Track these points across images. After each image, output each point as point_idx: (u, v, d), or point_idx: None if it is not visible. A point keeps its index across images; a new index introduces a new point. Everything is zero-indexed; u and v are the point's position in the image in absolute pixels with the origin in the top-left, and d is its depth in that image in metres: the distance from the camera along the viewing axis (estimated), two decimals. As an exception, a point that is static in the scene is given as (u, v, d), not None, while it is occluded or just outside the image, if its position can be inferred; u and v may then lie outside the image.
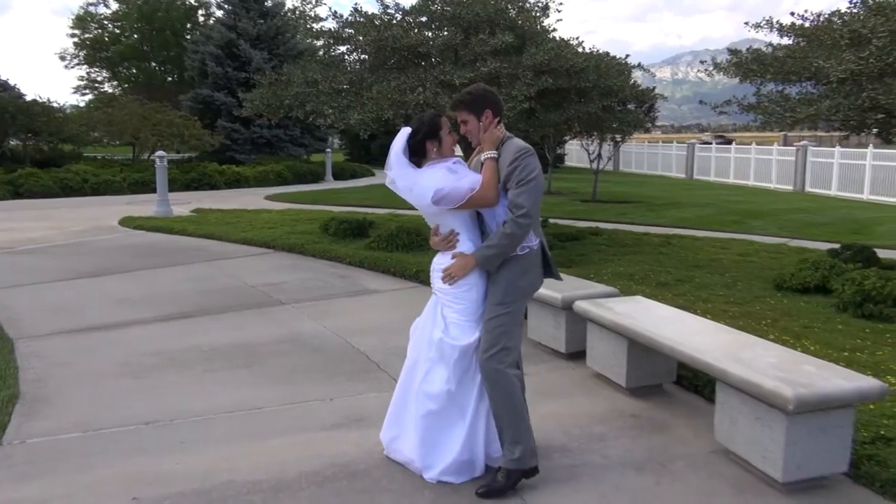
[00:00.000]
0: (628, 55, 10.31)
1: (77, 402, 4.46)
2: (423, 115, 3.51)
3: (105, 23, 41.98)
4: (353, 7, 9.95)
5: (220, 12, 31.77)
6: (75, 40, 41.45)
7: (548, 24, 10.04)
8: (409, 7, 9.67)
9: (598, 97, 9.29)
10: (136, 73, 42.78)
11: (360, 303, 7.16)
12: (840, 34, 6.64)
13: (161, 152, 14.66)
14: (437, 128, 3.38)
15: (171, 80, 41.39)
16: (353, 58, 10.28)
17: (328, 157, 25.77)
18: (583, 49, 9.76)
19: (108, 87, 42.56)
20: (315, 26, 41.20)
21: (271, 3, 30.11)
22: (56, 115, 23.34)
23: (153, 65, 42.75)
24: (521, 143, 3.31)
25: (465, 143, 3.67)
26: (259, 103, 10.26)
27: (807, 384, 3.20)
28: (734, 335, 4.13)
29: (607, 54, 10.04)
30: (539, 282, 3.44)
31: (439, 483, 3.33)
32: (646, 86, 12.34)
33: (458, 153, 3.97)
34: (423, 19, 9.59)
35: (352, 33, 9.70)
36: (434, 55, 9.27)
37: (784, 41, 7.86)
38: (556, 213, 13.75)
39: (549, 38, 9.48)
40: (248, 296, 7.37)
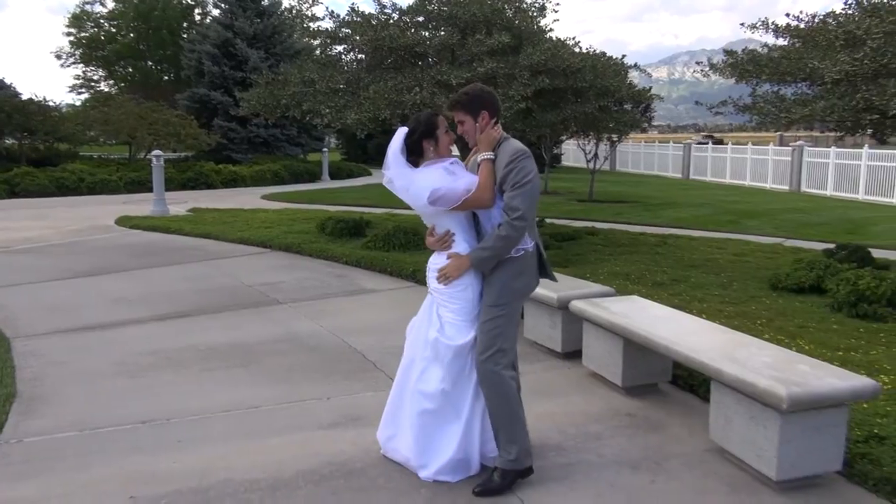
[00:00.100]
0: (625, 55, 10.35)
1: (74, 401, 4.46)
2: (419, 115, 3.51)
3: (101, 21, 41.96)
4: (350, 7, 9.95)
5: (216, 11, 31.74)
6: (71, 39, 41.43)
7: (544, 24, 10.06)
8: (406, 7, 9.68)
9: (595, 97, 9.31)
10: (132, 71, 42.75)
11: (357, 302, 7.17)
12: (835, 35, 6.68)
13: (157, 151, 14.66)
14: (434, 127, 3.38)
15: (167, 79, 41.36)
16: (350, 57, 10.28)
17: (325, 157, 25.76)
18: (579, 49, 9.79)
19: (104, 86, 42.55)
20: (312, 26, 41.14)
21: (268, 2, 30.05)
22: (52, 113, 23.28)
23: (149, 64, 42.70)
24: (518, 145, 3.30)
25: (462, 142, 3.68)
26: (256, 103, 10.25)
27: (801, 383, 3.22)
28: (729, 335, 4.15)
29: (604, 54, 10.07)
30: (534, 283, 3.45)
31: (435, 482, 3.35)
32: (642, 86, 12.37)
33: (455, 153, 3.98)
34: (420, 19, 9.60)
35: (348, 33, 9.70)
36: (431, 55, 9.28)
37: (779, 42, 7.90)
38: (553, 212, 13.78)
39: (546, 38, 9.49)
40: (245, 295, 7.38)
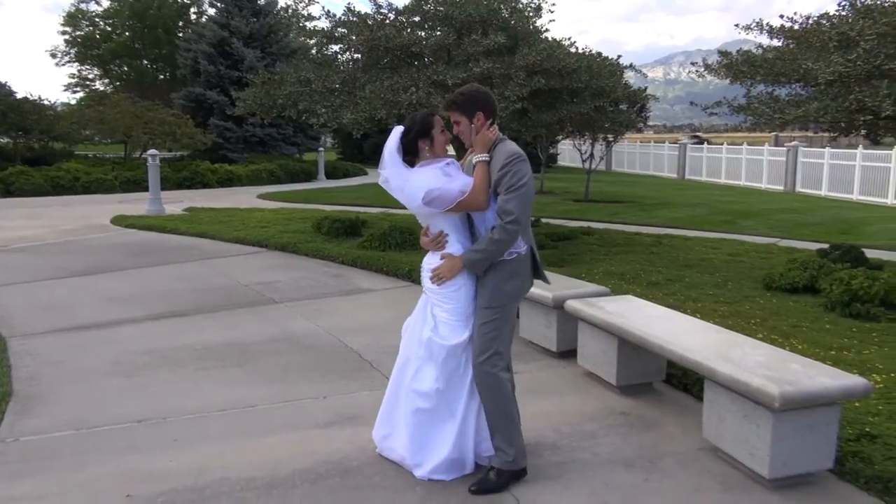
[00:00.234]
0: (620, 56, 10.39)
1: (70, 401, 4.47)
2: (415, 114, 3.52)
3: (96, 20, 41.80)
4: (346, 6, 9.96)
5: (212, 10, 31.65)
6: (66, 37, 41.27)
7: (540, 25, 10.08)
8: (402, 7, 9.69)
9: (591, 97, 9.34)
10: (127, 70, 42.63)
11: (353, 302, 7.18)
12: (828, 36, 6.71)
13: (153, 151, 14.64)
14: (430, 127, 3.39)
15: (163, 78, 41.25)
16: (346, 57, 10.30)
17: (321, 156, 25.73)
18: (575, 49, 9.82)
19: (99, 85, 42.41)
20: (308, 25, 41.13)
21: (264, 1, 30.01)
22: (47, 112, 23.21)
23: (145, 62, 42.60)
24: (513, 148, 3.29)
25: (458, 142, 3.69)
26: (252, 102, 10.25)
27: (793, 382, 3.24)
28: (723, 334, 4.18)
29: (599, 55, 10.10)
30: (527, 286, 3.46)
31: (430, 480, 3.37)
32: (638, 86, 12.42)
33: (451, 152, 3.99)
34: (416, 19, 9.61)
35: (345, 32, 9.70)
36: (427, 55, 9.29)
37: (774, 43, 7.94)
38: (549, 212, 13.81)
39: (542, 39, 9.52)
40: (241, 294, 7.38)
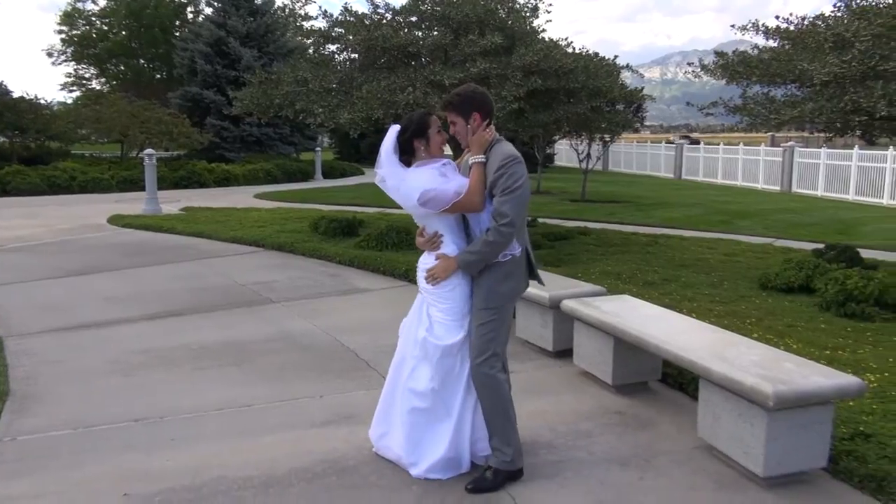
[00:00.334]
0: (617, 56, 10.41)
1: (67, 400, 4.48)
2: (412, 114, 3.54)
3: (93, 19, 41.75)
4: (343, 6, 9.97)
5: (209, 10, 31.67)
6: (63, 37, 41.23)
7: (537, 25, 10.11)
8: (399, 7, 9.70)
9: (587, 98, 9.36)
10: (124, 70, 42.59)
11: (350, 301, 7.19)
12: (824, 37, 6.74)
13: (150, 150, 14.62)
14: (426, 126, 3.39)
15: (159, 77, 41.22)
16: (343, 57, 10.30)
17: (318, 156, 25.73)
18: (572, 49, 9.84)
19: (95, 84, 42.37)
20: (305, 25, 41.13)
21: (261, 0, 30.02)
22: (43, 112, 23.20)
23: (141, 62, 42.56)
24: (509, 150, 3.29)
25: (455, 142, 3.70)
26: (249, 102, 10.26)
27: (787, 381, 3.26)
28: (718, 334, 4.20)
29: (596, 55, 10.12)
30: (522, 287, 3.47)
31: (426, 479, 3.38)
32: (634, 86, 12.43)
33: (448, 152, 4.01)
34: (413, 19, 9.62)
35: (342, 32, 9.72)
36: (424, 55, 9.30)
37: (770, 44, 7.96)
38: (546, 212, 13.83)
39: (539, 39, 9.54)
40: (238, 294, 7.39)
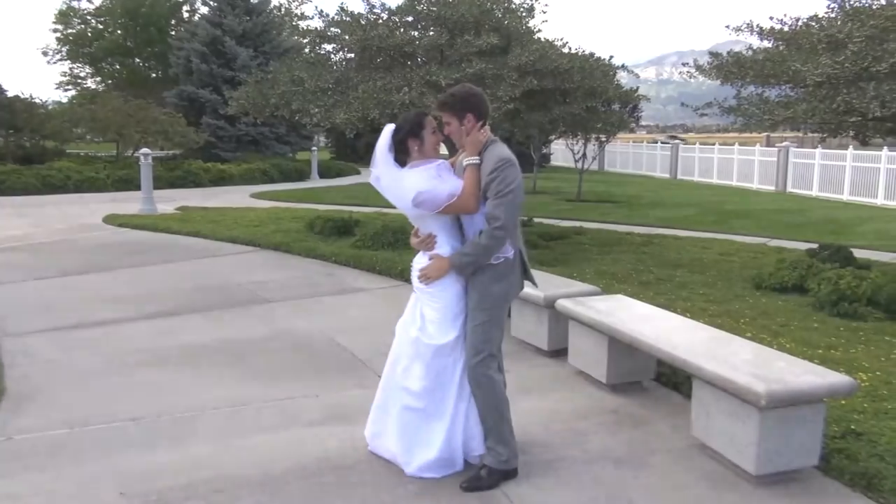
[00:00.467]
0: (612, 56, 10.44)
1: (64, 399, 4.48)
2: (408, 114, 3.55)
3: (88, 18, 41.56)
4: (339, 6, 9.97)
5: (205, 9, 31.51)
6: (58, 35, 41.03)
7: (533, 25, 10.13)
8: (395, 7, 9.71)
9: (583, 98, 9.39)
10: (119, 69, 42.39)
11: (346, 301, 7.21)
12: (817, 38, 6.77)
13: (145, 149, 14.61)
14: (421, 126, 3.40)
15: (155, 76, 41.04)
16: (339, 57, 10.30)
17: (314, 156, 25.71)
18: (568, 50, 9.86)
19: (91, 84, 42.14)
20: (301, 24, 41.07)
21: (257, 0, 29.96)
22: (38, 111, 23.10)
23: (137, 61, 42.35)
24: (503, 152, 3.29)
25: (450, 142, 3.73)
26: (245, 102, 10.24)
27: (779, 380, 3.30)
28: (712, 333, 4.24)
29: (592, 55, 10.14)
30: (515, 289, 3.49)
31: (421, 478, 3.40)
32: (630, 86, 12.46)
33: (444, 152, 4.02)
34: (409, 19, 9.63)
35: (338, 32, 9.72)
36: (420, 55, 9.31)
37: (764, 44, 8.00)
38: (541, 212, 13.85)
39: (535, 39, 9.56)
40: (235, 294, 7.40)
